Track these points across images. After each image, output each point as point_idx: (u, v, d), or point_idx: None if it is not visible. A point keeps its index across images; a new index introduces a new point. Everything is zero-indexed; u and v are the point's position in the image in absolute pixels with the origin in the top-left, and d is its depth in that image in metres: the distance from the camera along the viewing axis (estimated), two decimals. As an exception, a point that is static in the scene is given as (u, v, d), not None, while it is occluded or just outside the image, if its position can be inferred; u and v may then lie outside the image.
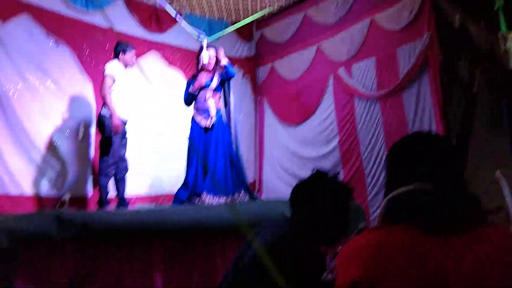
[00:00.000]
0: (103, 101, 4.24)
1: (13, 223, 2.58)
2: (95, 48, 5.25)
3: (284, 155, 6.52)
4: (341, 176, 5.51)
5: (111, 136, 4.15)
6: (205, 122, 4.52)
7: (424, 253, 0.86)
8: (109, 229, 2.98)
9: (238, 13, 6.66)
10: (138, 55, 5.62)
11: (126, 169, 4.41)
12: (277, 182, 6.45)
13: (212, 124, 4.51)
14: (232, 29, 6.20)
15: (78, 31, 5.11)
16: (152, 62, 6.03)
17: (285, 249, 1.52)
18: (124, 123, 4.33)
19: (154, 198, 5.69)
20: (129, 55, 4.41)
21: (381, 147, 5.10)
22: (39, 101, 4.80)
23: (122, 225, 3.05)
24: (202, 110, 4.56)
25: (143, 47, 5.84)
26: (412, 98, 4.85)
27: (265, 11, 6.52)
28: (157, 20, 5.98)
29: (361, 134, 5.38)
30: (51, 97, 4.90)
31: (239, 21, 6.47)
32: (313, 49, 6.16)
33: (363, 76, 5.40)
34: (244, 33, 6.96)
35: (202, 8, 6.43)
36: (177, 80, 6.20)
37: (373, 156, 5.19)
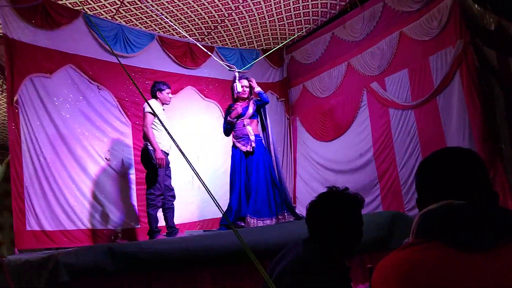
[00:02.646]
0: (146, 137, 4.47)
1: (70, 258, 2.71)
2: (134, 90, 5.52)
3: (318, 171, 6.53)
4: (378, 189, 5.45)
5: (156, 168, 4.35)
6: (245, 147, 4.63)
7: (459, 270, 0.84)
8: (160, 258, 3.07)
9: (268, 40, 6.85)
10: (176, 90, 5.94)
11: (173, 198, 4.61)
12: (311, 198, 6.43)
13: (253, 148, 4.61)
14: (262, 57, 6.39)
15: (118, 75, 5.40)
16: (189, 95, 6.28)
17: (305, 272, 1.53)
18: (167, 154, 4.53)
19: (202, 223, 5.83)
20: (165, 93, 4.66)
21: (417, 156, 5.00)
22: (85, 143, 5.12)
23: (172, 253, 3.14)
24: (241, 137, 4.69)
25: (180, 82, 6.13)
26: (447, 104, 4.75)
27: (294, 36, 6.67)
28: (191, 56, 6.27)
29: (397, 145, 5.30)
30: (94, 139, 5.22)
31: (270, 48, 6.66)
32: (343, 66, 6.21)
33: (397, 87, 5.36)
34: (275, 59, 7.14)
35: (233, 40, 6.66)
36: (213, 110, 6.44)
37: (409, 167, 5.08)
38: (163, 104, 4.67)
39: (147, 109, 4.44)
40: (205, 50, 5.45)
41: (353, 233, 1.66)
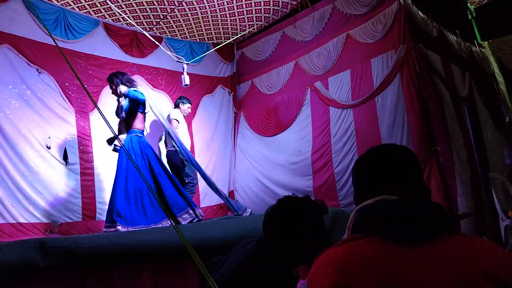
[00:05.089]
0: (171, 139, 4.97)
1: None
2: (78, 74, 5.24)
3: (255, 165, 6.57)
4: (310, 185, 5.54)
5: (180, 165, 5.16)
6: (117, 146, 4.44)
7: (395, 264, 0.85)
8: (97, 254, 2.92)
9: (219, 34, 6.77)
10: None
11: None
12: (250, 188, 6.54)
13: (114, 146, 4.39)
14: (211, 51, 6.32)
15: (60, 59, 5.05)
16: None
17: (252, 273, 1.49)
18: None
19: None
20: (186, 106, 5.65)
21: (353, 154, 5.12)
22: (22, 130, 4.79)
23: (110, 248, 2.98)
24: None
25: (127, 71, 5.89)
26: (385, 106, 4.91)
27: (245, 32, 6.66)
28: (138, 45, 6.06)
29: (334, 142, 5.42)
30: (34, 125, 4.90)
31: (221, 43, 6.60)
32: (291, 65, 6.29)
33: (339, 87, 5.49)
34: (226, 54, 7.10)
35: (183, 31, 6.52)
36: (163, 101, 6.28)
37: (345, 164, 5.21)
38: (183, 113, 5.59)
39: (172, 116, 5.34)
40: (153, 40, 5.29)
41: (309, 239, 1.61)
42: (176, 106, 5.63)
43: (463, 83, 5.51)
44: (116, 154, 4.55)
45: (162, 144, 5.84)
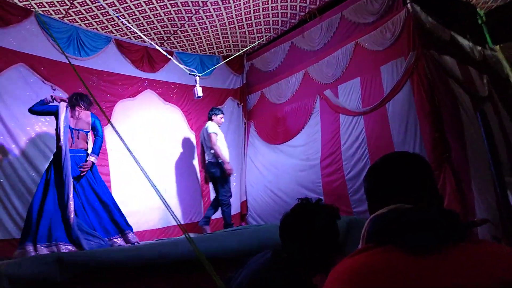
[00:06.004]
0: (215, 153, 5.24)
1: (13, 269, 2.54)
2: (92, 91, 5.34)
3: (264, 174, 6.59)
4: (321, 192, 5.49)
5: (225, 176, 5.25)
6: None
7: (406, 273, 0.85)
8: (113, 268, 2.92)
9: (228, 47, 6.85)
10: (134, 93, 5.84)
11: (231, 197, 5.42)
12: (260, 198, 6.52)
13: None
14: (222, 63, 6.38)
15: (73, 76, 5.11)
16: (149, 98, 6.17)
17: (268, 281, 1.51)
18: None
19: (167, 230, 5.71)
20: (219, 117, 5.63)
21: (365, 161, 5.07)
22: (40, 146, 4.90)
23: (126, 262, 3.00)
24: None
25: (139, 86, 6.01)
26: (396, 112, 4.87)
27: (255, 44, 6.72)
28: (149, 60, 6.16)
29: (345, 150, 5.38)
30: (51, 141, 4.96)
31: (230, 55, 6.67)
32: (300, 74, 6.31)
33: (349, 95, 5.48)
34: (236, 66, 7.18)
35: (193, 45, 6.60)
36: (175, 114, 6.39)
37: (357, 172, 5.14)
38: (217, 125, 5.56)
39: (210, 130, 5.34)
40: (165, 53, 5.36)
41: (322, 242, 1.62)
42: (209, 118, 5.59)
43: (482, 85, 5.44)
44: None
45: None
